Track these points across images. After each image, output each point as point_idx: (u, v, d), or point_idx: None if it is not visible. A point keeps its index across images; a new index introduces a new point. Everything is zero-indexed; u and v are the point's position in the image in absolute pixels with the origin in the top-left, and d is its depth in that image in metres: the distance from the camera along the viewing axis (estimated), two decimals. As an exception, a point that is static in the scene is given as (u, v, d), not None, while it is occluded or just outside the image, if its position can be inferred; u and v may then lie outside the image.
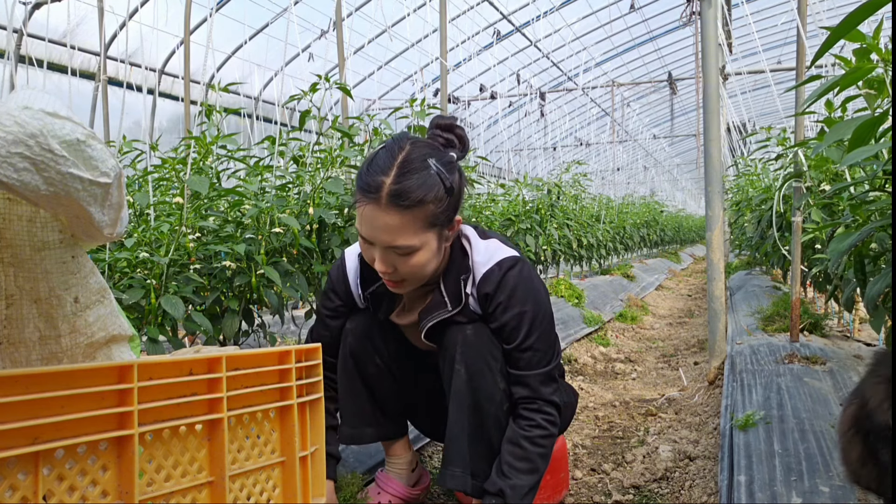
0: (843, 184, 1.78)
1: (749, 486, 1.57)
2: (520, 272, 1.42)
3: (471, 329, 1.43)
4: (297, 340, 3.42)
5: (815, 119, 4.01)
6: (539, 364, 1.41)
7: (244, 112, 5.42)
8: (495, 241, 1.47)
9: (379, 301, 1.57)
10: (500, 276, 1.40)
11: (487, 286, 1.41)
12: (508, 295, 1.40)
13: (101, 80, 5.11)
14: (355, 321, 1.60)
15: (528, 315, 1.40)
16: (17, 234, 0.90)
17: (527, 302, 1.40)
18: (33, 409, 0.73)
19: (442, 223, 1.35)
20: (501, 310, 1.40)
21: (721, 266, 2.86)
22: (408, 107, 3.01)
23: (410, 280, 1.38)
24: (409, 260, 1.33)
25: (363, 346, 1.58)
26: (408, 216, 1.28)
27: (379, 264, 1.34)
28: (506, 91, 11.88)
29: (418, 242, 1.32)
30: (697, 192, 27.52)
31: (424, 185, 1.29)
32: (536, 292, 1.43)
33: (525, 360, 1.41)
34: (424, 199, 1.29)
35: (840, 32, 0.99)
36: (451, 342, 1.44)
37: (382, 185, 1.28)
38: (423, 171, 1.30)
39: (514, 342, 1.41)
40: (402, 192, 1.27)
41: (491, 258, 1.43)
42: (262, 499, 1.03)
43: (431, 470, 2.00)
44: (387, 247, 1.31)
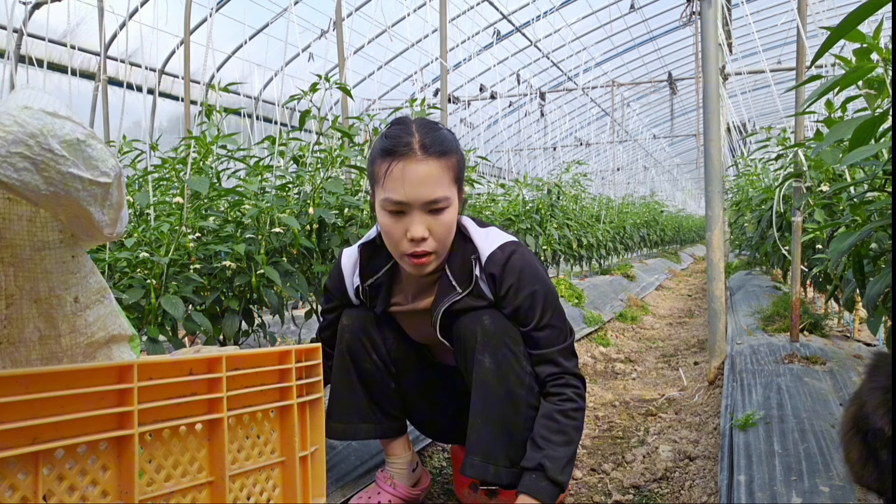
0: (843, 184, 1.78)
1: (749, 486, 1.57)
2: (522, 254, 1.45)
3: (488, 317, 1.43)
4: (297, 340, 3.42)
5: (815, 119, 4.01)
6: (559, 340, 1.44)
7: (244, 112, 5.42)
8: (494, 229, 1.51)
9: (377, 293, 1.57)
10: (505, 258, 1.43)
11: (493, 267, 1.43)
12: (518, 277, 1.42)
13: (101, 80, 5.11)
14: (350, 317, 1.60)
15: (539, 293, 1.43)
16: (17, 234, 0.90)
17: (535, 282, 1.43)
18: (33, 409, 0.73)
19: (460, 182, 1.41)
20: (514, 292, 1.42)
21: (721, 266, 2.86)
22: (408, 107, 3.01)
23: (440, 249, 1.40)
24: (443, 218, 1.36)
25: (359, 342, 1.58)
26: (443, 164, 1.34)
27: (416, 229, 1.34)
28: (506, 91, 11.88)
29: (451, 195, 1.37)
30: (697, 192, 27.52)
31: (447, 137, 1.38)
32: (541, 272, 1.47)
33: (545, 339, 1.43)
34: (452, 149, 1.37)
35: (840, 32, 0.99)
36: (468, 332, 1.44)
37: (411, 141, 1.33)
38: (438, 130, 1.39)
39: (532, 322, 1.43)
40: (434, 141, 1.34)
41: (493, 242, 1.46)
42: (262, 499, 1.03)
43: (431, 470, 2.01)
44: (425, 202, 1.33)
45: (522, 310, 1.43)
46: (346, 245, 2.60)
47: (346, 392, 1.60)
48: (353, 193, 2.85)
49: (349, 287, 1.60)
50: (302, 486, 1.09)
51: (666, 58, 15.06)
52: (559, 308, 1.47)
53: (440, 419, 1.73)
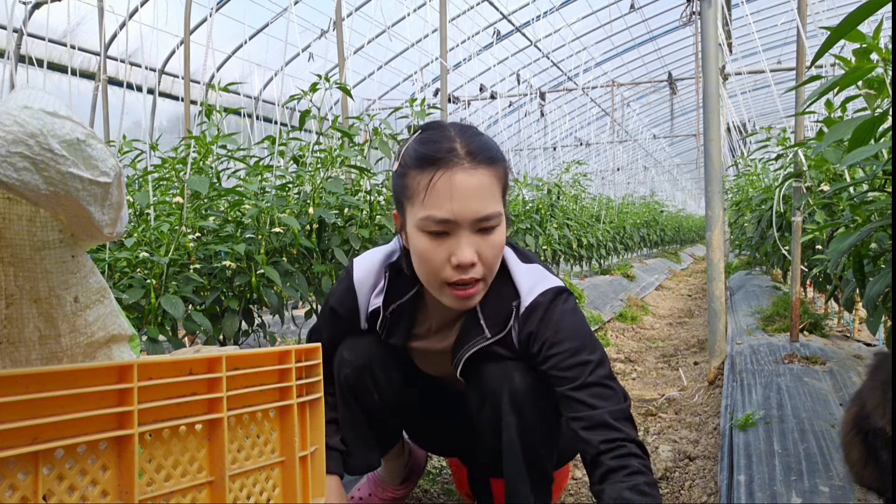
0: (843, 184, 1.78)
1: (749, 486, 1.58)
2: (565, 303, 1.24)
3: (519, 374, 1.24)
4: (297, 340, 3.42)
5: (815, 119, 4.01)
6: (612, 400, 1.16)
7: (244, 112, 5.41)
8: (538, 267, 1.30)
9: (397, 321, 1.35)
10: (544, 309, 1.22)
11: (531, 323, 1.22)
12: (556, 329, 1.20)
13: (101, 79, 5.11)
14: (354, 352, 1.39)
15: (584, 350, 1.19)
16: (17, 234, 0.90)
17: (578, 336, 1.20)
18: (33, 408, 0.73)
19: (506, 197, 1.22)
20: (549, 346, 1.20)
21: (721, 266, 2.86)
22: (408, 107, 3.01)
23: (489, 276, 1.20)
24: (494, 238, 1.16)
25: (361, 381, 1.39)
26: (493, 173, 1.15)
27: (465, 252, 1.13)
28: (506, 91, 11.88)
29: (501, 210, 1.17)
30: (697, 192, 27.52)
31: (492, 144, 1.19)
32: (585, 326, 1.25)
33: (592, 399, 1.15)
34: (500, 156, 1.18)
35: (840, 32, 0.99)
36: (495, 388, 1.25)
37: (455, 147, 1.13)
38: (482, 134, 1.20)
39: (574, 382, 1.16)
40: (481, 146, 1.15)
41: (534, 287, 1.25)
42: (262, 499, 1.03)
43: (431, 470, 2.00)
44: (476, 219, 1.13)
45: (560, 367, 1.19)
46: (346, 245, 2.60)
47: (351, 425, 1.45)
48: (353, 193, 2.85)
49: (362, 310, 1.38)
50: (302, 486, 1.09)
51: (666, 58, 15.06)
52: (606, 366, 1.21)
53: (442, 439, 1.63)
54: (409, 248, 1.22)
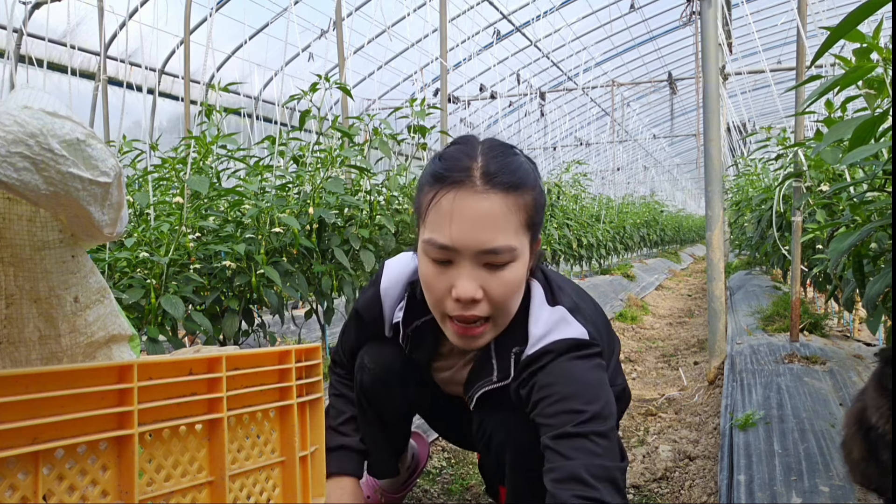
0: (843, 184, 1.78)
1: (749, 486, 1.58)
2: (579, 356, 1.06)
3: (524, 431, 1.11)
4: (297, 340, 3.42)
5: (815, 119, 4.01)
6: (596, 456, 0.98)
7: (244, 112, 5.41)
8: (562, 311, 1.11)
9: (420, 339, 1.27)
10: (549, 359, 1.06)
11: (527, 370, 1.09)
12: (550, 372, 1.06)
13: (101, 79, 5.11)
14: (374, 360, 1.32)
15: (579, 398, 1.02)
16: (17, 234, 0.90)
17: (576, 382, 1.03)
18: (33, 409, 0.73)
19: (536, 228, 1.07)
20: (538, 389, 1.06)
21: (721, 266, 2.86)
22: (408, 107, 3.01)
23: (499, 316, 1.07)
24: (504, 275, 1.02)
25: (377, 391, 1.33)
26: (510, 201, 1.00)
27: (465, 286, 1.00)
28: (506, 91, 11.89)
29: (518, 244, 1.02)
30: (697, 192, 27.53)
31: (521, 167, 1.04)
32: (595, 376, 1.06)
33: (570, 449, 0.98)
34: (526, 182, 1.03)
35: (840, 32, 0.99)
36: (498, 440, 1.18)
37: (472, 166, 1.01)
38: (512, 156, 1.06)
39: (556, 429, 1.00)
40: (502, 168, 1.01)
41: (547, 334, 1.09)
42: (262, 499, 1.03)
43: (431, 470, 2.00)
44: (480, 251, 0.99)
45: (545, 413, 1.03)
46: (346, 245, 2.60)
47: (369, 431, 1.40)
48: (353, 193, 2.85)
49: (387, 320, 1.29)
50: (302, 486, 1.09)
51: (666, 58, 15.06)
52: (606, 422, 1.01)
53: (458, 436, 1.59)
54: (419, 272, 1.11)
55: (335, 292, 2.66)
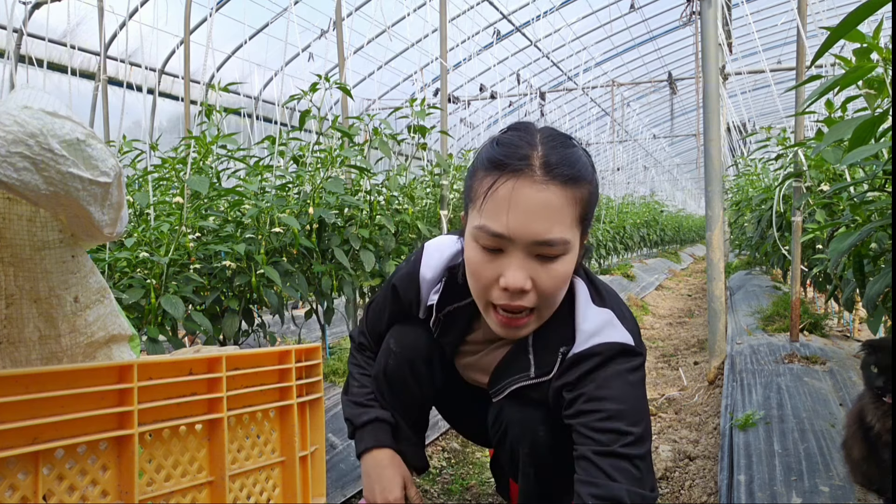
0: (843, 184, 1.78)
1: (749, 486, 1.58)
2: (628, 364, 1.07)
3: (544, 430, 1.14)
4: (297, 340, 3.42)
5: (815, 119, 4.01)
6: (636, 482, 1.01)
7: (244, 112, 5.41)
8: (609, 313, 1.12)
9: (451, 324, 1.26)
10: (597, 363, 1.06)
11: (572, 373, 1.08)
12: (600, 384, 1.05)
13: (101, 79, 5.11)
14: (401, 344, 1.31)
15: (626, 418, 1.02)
16: (17, 234, 0.90)
17: (625, 400, 1.04)
18: (33, 409, 0.73)
19: (587, 223, 1.06)
20: (586, 401, 1.05)
21: (721, 266, 2.86)
22: (408, 107, 3.01)
23: (544, 308, 1.06)
24: (556, 268, 1.01)
25: (402, 376, 1.31)
26: (569, 194, 0.99)
27: (516, 276, 0.99)
28: (506, 91, 11.89)
29: (572, 239, 1.01)
30: (697, 192, 27.53)
31: (580, 160, 1.03)
32: (641, 394, 1.08)
33: (614, 469, 1.01)
34: (585, 175, 1.02)
35: (840, 32, 0.99)
36: (517, 435, 1.17)
37: (531, 155, 1.00)
38: (571, 148, 1.05)
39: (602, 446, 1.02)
40: (563, 160, 1.00)
41: (596, 334, 1.09)
42: (262, 498, 1.03)
43: (431, 470, 2.00)
44: (534, 241, 0.98)
45: (592, 427, 1.03)
46: (346, 245, 2.60)
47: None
48: (353, 193, 2.85)
49: (423, 302, 1.28)
50: (302, 486, 1.09)
51: (666, 58, 15.06)
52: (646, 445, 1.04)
53: (473, 430, 1.56)
54: (465, 257, 1.09)
55: (335, 292, 2.66)
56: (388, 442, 1.29)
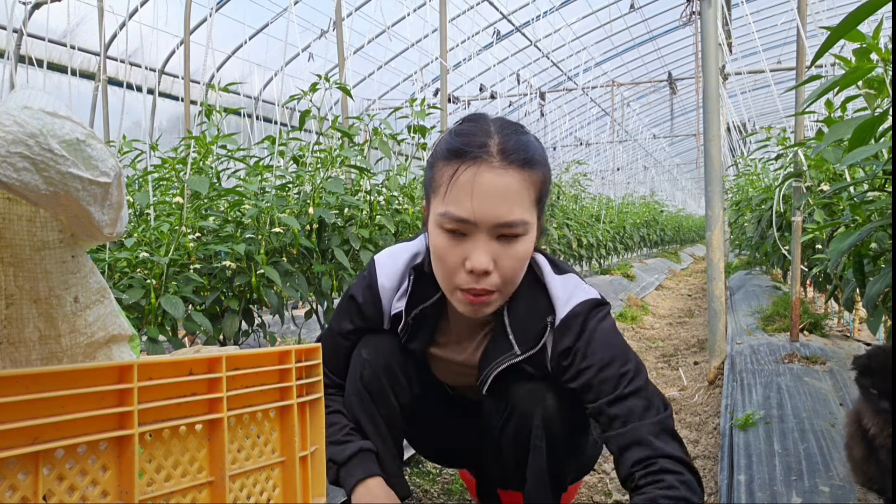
0: (843, 184, 1.78)
1: (749, 486, 1.58)
2: (600, 314, 1.17)
3: (552, 399, 1.17)
4: (297, 340, 3.42)
5: (815, 119, 4.01)
6: (648, 413, 1.08)
7: (244, 112, 5.41)
8: (573, 278, 1.21)
9: (419, 327, 1.27)
10: (581, 321, 1.15)
11: (567, 338, 1.15)
12: (588, 340, 1.13)
13: (101, 80, 5.11)
14: (374, 351, 1.29)
15: (617, 360, 1.12)
16: (17, 234, 0.90)
17: (611, 346, 1.14)
18: (33, 409, 0.73)
19: (543, 205, 1.12)
20: (581, 359, 1.13)
21: (721, 266, 2.86)
22: (408, 107, 3.01)
23: (506, 288, 1.11)
24: (517, 248, 1.07)
25: (379, 384, 1.28)
26: (526, 177, 1.06)
27: (480, 258, 1.05)
28: (506, 91, 11.89)
29: (531, 220, 1.08)
30: (697, 192, 27.53)
31: (532, 145, 1.10)
32: (619, 335, 1.18)
33: (626, 412, 1.08)
34: (539, 160, 1.09)
35: (840, 32, 0.99)
36: (525, 410, 1.18)
37: (489, 143, 1.06)
38: (524, 135, 1.11)
39: (608, 395, 1.10)
40: (518, 146, 1.06)
41: (571, 298, 1.17)
42: (262, 499, 1.03)
43: (431, 470, 2.00)
44: (497, 224, 1.04)
45: (594, 381, 1.12)
46: (346, 245, 2.60)
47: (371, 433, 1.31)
48: (353, 193, 2.85)
49: (386, 312, 1.29)
50: (302, 486, 1.09)
51: (666, 58, 15.06)
52: (642, 375, 1.13)
53: (451, 450, 1.54)
54: (430, 245, 1.15)
55: (335, 292, 2.66)
56: (377, 471, 1.25)
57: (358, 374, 1.29)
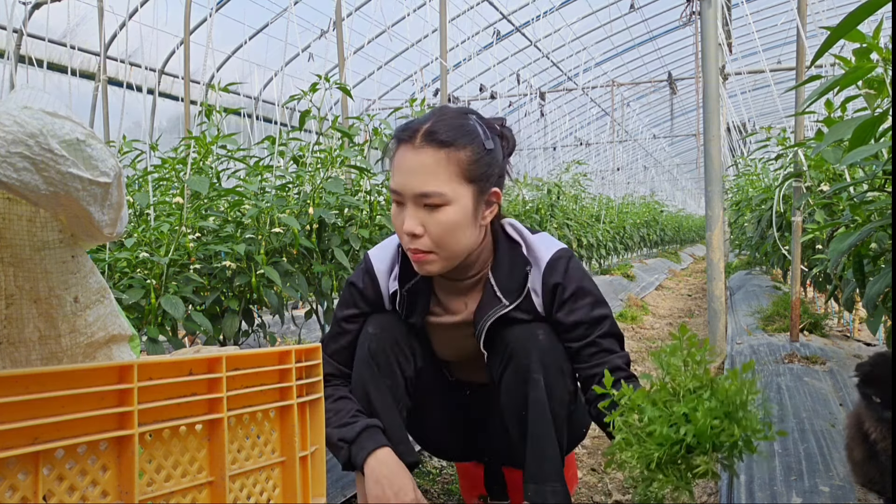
0: (843, 184, 1.78)
1: (749, 486, 1.58)
2: (577, 262, 1.38)
3: (543, 333, 1.33)
4: (297, 340, 3.42)
5: (814, 119, 4.01)
6: (620, 344, 1.36)
7: (244, 112, 5.41)
8: (545, 234, 1.42)
9: (415, 299, 1.40)
10: (566, 264, 1.34)
11: (555, 276, 1.33)
12: (578, 285, 1.33)
13: (101, 80, 5.11)
14: (379, 326, 1.41)
15: (602, 303, 1.35)
16: (17, 234, 0.90)
17: (593, 289, 1.35)
18: (33, 409, 0.73)
19: (479, 181, 1.25)
20: (573, 303, 1.32)
21: (721, 266, 2.86)
22: (408, 107, 3.01)
23: (440, 251, 1.26)
24: (438, 216, 1.22)
25: (385, 355, 1.39)
26: (441, 155, 1.22)
27: (407, 223, 1.23)
28: (506, 91, 11.88)
29: (450, 192, 1.22)
30: (697, 192, 27.52)
31: (461, 128, 1.25)
32: (595, 284, 1.40)
33: (608, 343, 1.32)
34: (459, 141, 1.23)
35: (840, 32, 0.99)
36: (520, 349, 1.32)
37: (419, 128, 1.25)
38: (460, 119, 1.26)
39: (597, 332, 1.32)
40: (438, 129, 1.23)
41: (549, 247, 1.36)
42: (262, 499, 1.03)
43: (431, 470, 2.00)
44: (417, 195, 1.22)
45: (587, 319, 1.32)
46: (346, 245, 2.60)
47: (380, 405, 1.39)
48: (353, 193, 2.85)
49: (385, 293, 1.43)
50: (302, 486, 1.09)
51: (666, 58, 15.06)
52: (612, 315, 1.37)
53: (449, 439, 1.61)
54: None
55: (335, 292, 2.66)
56: (385, 442, 1.32)
57: (366, 348, 1.39)
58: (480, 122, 1.29)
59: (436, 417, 1.56)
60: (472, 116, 1.29)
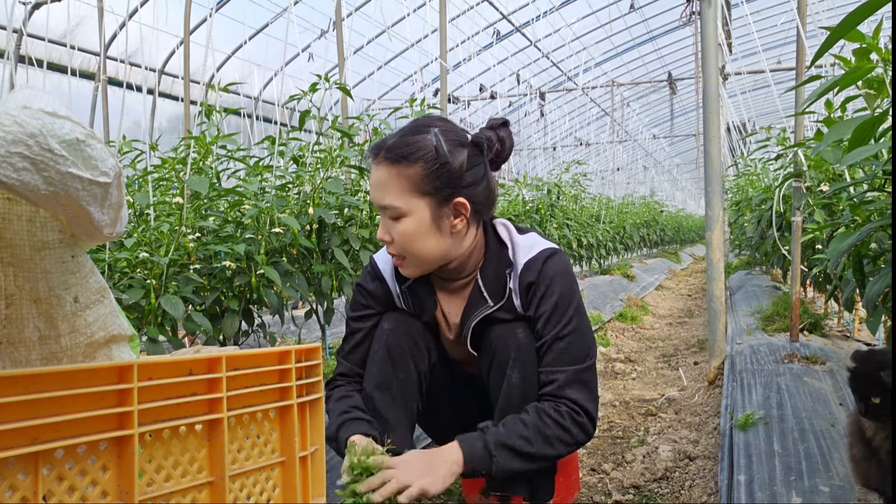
0: (843, 184, 1.78)
1: (749, 486, 1.58)
2: (559, 261, 1.40)
3: (523, 333, 1.38)
4: (297, 340, 3.42)
5: (814, 119, 4.01)
6: (572, 360, 1.34)
7: (244, 112, 5.41)
8: (534, 235, 1.46)
9: (419, 299, 1.48)
10: (542, 263, 1.38)
11: (530, 275, 1.37)
12: (548, 283, 1.36)
13: (101, 80, 5.11)
14: (395, 321, 1.47)
15: (565, 303, 1.36)
16: (17, 234, 0.90)
17: (566, 291, 1.37)
18: (33, 409, 0.73)
19: (433, 193, 1.30)
20: (540, 298, 1.37)
21: (721, 266, 2.86)
22: (407, 107, 3.01)
23: (409, 257, 1.35)
24: (399, 226, 1.32)
25: (401, 349, 1.44)
26: (393, 171, 1.30)
27: (379, 231, 1.36)
28: (506, 91, 11.89)
29: (403, 206, 1.30)
30: (697, 192, 27.52)
31: (415, 144, 1.31)
32: (574, 284, 1.41)
33: (555, 353, 1.34)
34: (410, 156, 1.29)
35: (840, 32, 0.99)
36: (501, 345, 1.38)
37: (383, 145, 1.33)
38: (420, 135, 1.32)
39: (550, 333, 1.35)
40: (394, 146, 1.31)
41: (532, 248, 1.40)
42: (262, 499, 1.03)
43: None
44: (380, 206, 1.33)
45: (544, 316, 1.36)
46: (346, 245, 2.61)
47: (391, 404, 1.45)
48: (353, 193, 2.85)
49: (393, 292, 1.51)
50: (302, 486, 1.09)
51: (666, 58, 15.06)
52: (585, 328, 1.38)
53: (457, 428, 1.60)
54: None
55: (335, 292, 2.66)
56: (361, 430, 1.34)
57: (383, 342, 1.45)
58: (444, 134, 1.32)
59: (447, 412, 1.61)
60: (432, 130, 1.32)
